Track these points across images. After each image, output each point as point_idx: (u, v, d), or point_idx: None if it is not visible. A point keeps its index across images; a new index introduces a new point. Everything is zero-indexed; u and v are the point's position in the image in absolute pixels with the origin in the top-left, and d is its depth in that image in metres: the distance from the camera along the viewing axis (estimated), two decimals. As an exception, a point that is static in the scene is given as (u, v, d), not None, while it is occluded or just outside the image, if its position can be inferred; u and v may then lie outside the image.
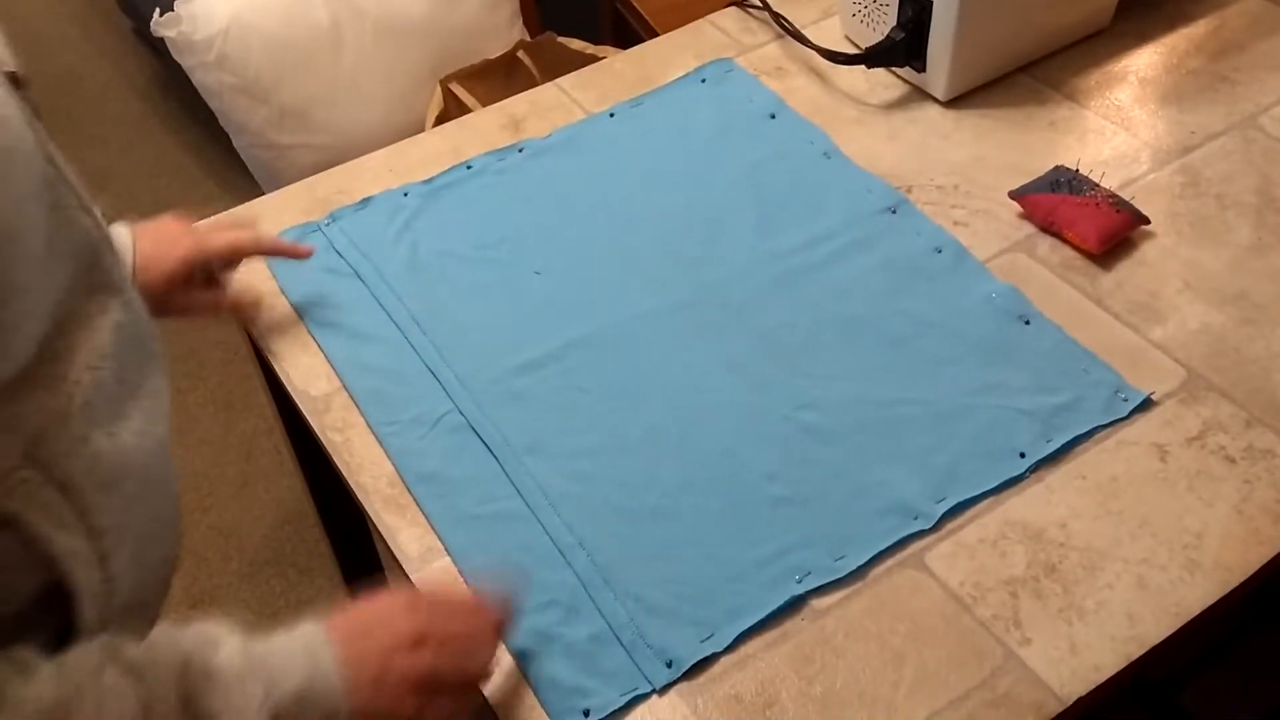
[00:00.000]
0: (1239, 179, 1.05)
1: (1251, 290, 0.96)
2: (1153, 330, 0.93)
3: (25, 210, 0.53)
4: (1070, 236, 0.99)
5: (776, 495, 0.83)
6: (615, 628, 0.77)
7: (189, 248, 0.91)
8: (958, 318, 0.94)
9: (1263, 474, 0.83)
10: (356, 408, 0.92)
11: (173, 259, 0.90)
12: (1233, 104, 1.13)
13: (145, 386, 0.64)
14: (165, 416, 0.66)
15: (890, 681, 0.74)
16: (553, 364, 0.93)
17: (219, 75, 1.93)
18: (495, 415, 0.89)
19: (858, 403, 0.89)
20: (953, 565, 0.79)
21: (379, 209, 1.07)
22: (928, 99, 1.16)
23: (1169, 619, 0.76)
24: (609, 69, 1.23)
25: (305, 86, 1.94)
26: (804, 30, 1.22)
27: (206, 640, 0.62)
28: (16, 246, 0.52)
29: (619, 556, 0.80)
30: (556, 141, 1.13)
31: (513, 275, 1.01)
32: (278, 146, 1.99)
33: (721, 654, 0.76)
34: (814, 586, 0.78)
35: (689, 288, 0.98)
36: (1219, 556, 0.79)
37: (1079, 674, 0.74)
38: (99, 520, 0.59)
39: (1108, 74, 1.17)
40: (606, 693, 0.74)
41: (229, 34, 1.89)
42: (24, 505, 0.56)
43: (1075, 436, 0.86)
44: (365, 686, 0.65)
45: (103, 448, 0.59)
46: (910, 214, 1.03)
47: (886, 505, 0.82)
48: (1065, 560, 0.79)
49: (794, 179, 1.07)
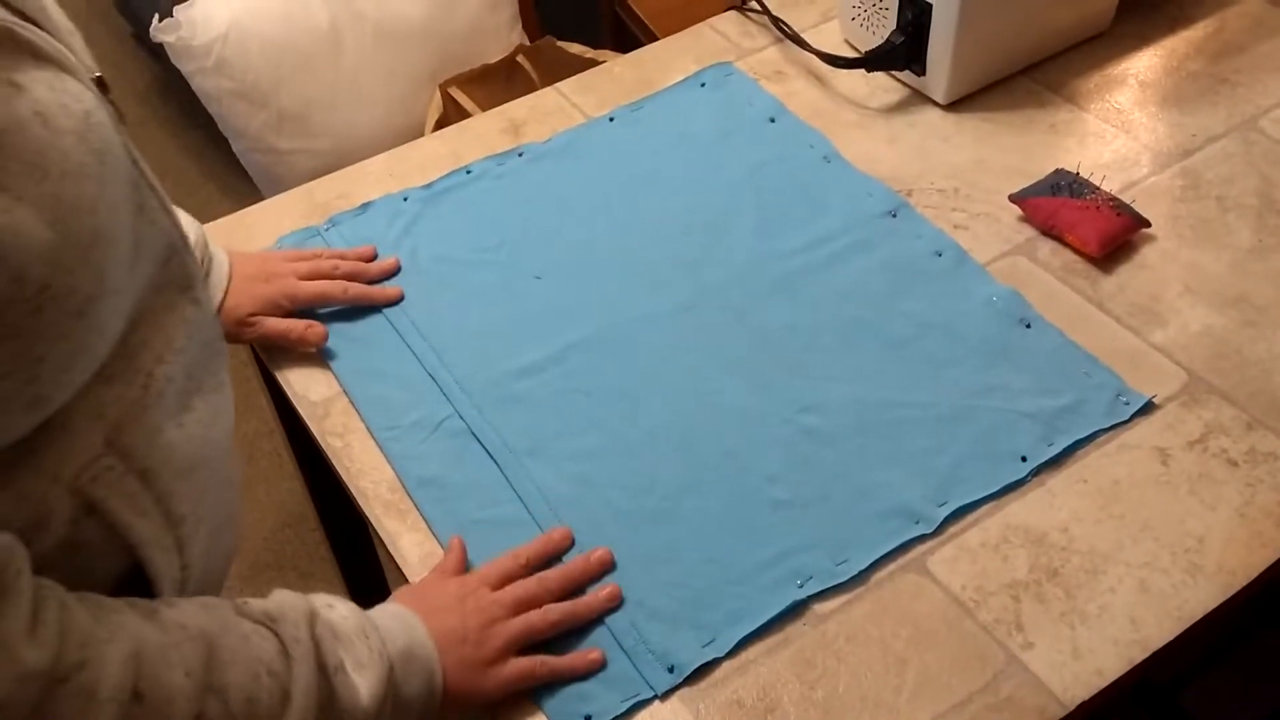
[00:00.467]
0: (1240, 181, 1.05)
1: (1253, 293, 0.96)
2: (1154, 333, 0.93)
3: (119, 213, 0.56)
4: (1071, 240, 0.99)
5: (777, 498, 0.83)
6: (616, 633, 0.77)
7: (279, 291, 0.94)
8: (958, 321, 0.94)
9: (1265, 477, 0.83)
10: (356, 413, 0.91)
11: (261, 296, 0.94)
12: (1233, 106, 1.13)
13: (210, 382, 0.67)
14: (230, 412, 0.71)
15: (892, 686, 0.74)
16: (553, 367, 0.93)
17: (218, 80, 1.93)
18: (495, 419, 0.89)
19: (858, 405, 0.89)
20: (954, 569, 0.79)
21: (378, 213, 1.07)
22: (928, 102, 1.16)
23: (1172, 623, 0.76)
24: (608, 73, 1.23)
25: (304, 91, 1.94)
26: (803, 34, 1.22)
27: (320, 601, 0.67)
28: (111, 250, 0.55)
29: (620, 560, 0.80)
30: (556, 146, 1.13)
31: (512, 279, 1.00)
32: (277, 151, 1.99)
33: (723, 659, 0.75)
34: (816, 591, 0.78)
35: (689, 290, 0.98)
36: (1221, 560, 0.79)
37: (1081, 678, 0.73)
38: (177, 508, 0.63)
39: (1108, 77, 1.17)
40: (608, 698, 0.74)
41: (228, 39, 1.89)
42: (107, 493, 0.58)
43: (1077, 440, 0.86)
44: (451, 651, 0.72)
45: (175, 438, 0.62)
46: (910, 217, 1.03)
47: (888, 508, 0.82)
48: (1067, 564, 0.79)
49: (794, 183, 1.07)
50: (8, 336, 0.50)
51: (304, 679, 0.62)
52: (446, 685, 0.71)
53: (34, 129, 0.50)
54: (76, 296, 0.52)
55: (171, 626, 0.59)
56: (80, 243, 0.52)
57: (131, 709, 0.54)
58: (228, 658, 0.59)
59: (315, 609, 0.66)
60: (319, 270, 0.97)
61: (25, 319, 0.50)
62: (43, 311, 0.51)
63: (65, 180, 0.51)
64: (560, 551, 0.81)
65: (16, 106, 0.49)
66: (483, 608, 0.74)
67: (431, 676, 0.70)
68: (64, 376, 0.54)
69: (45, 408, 0.54)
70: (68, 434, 0.56)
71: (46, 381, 0.53)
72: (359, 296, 0.98)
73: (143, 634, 0.57)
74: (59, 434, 0.56)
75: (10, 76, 0.50)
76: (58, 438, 0.56)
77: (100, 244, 0.54)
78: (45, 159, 0.50)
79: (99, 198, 0.53)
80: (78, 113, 0.53)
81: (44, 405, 0.54)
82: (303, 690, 0.61)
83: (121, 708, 0.54)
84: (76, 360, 0.54)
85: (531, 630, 0.74)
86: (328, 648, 0.64)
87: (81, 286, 0.52)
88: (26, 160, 0.49)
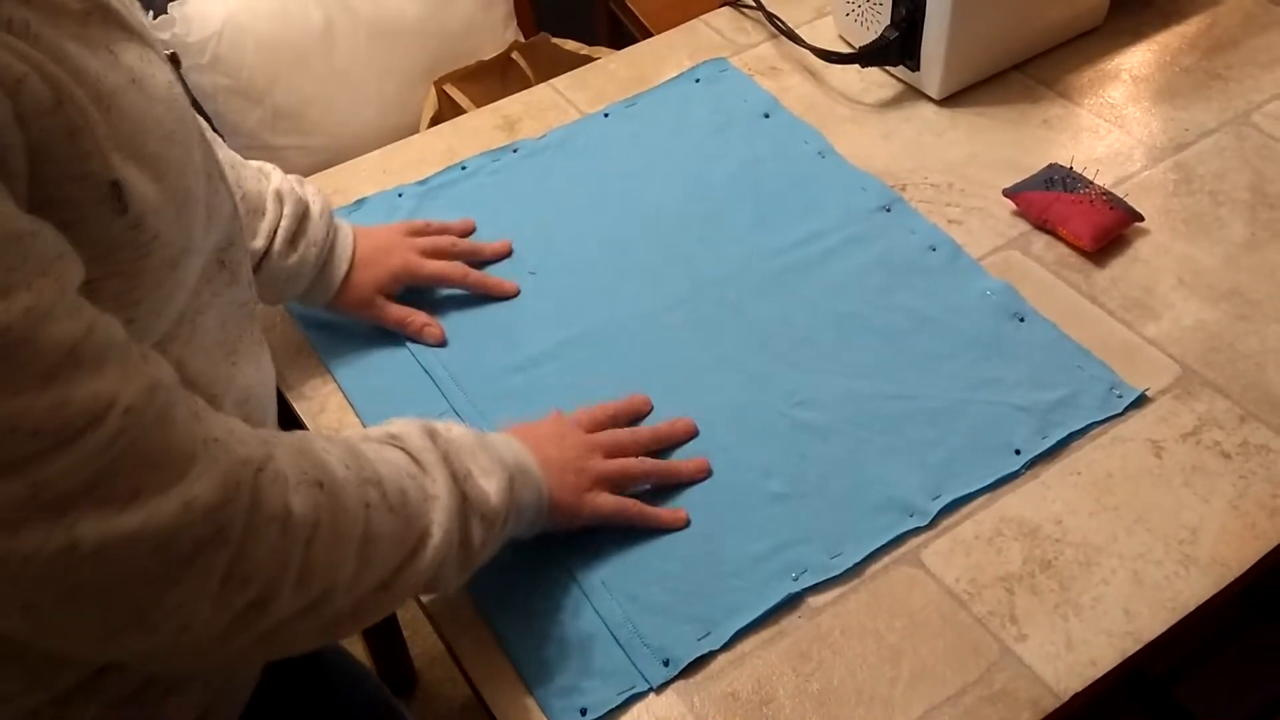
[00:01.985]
0: (1232, 175, 1.06)
1: (1245, 286, 0.96)
2: (1147, 326, 0.93)
3: (198, 178, 0.60)
4: (1064, 234, 1.00)
5: (772, 491, 0.83)
6: (612, 626, 0.77)
7: (401, 265, 0.95)
8: (953, 315, 0.94)
9: (1258, 469, 0.84)
10: (352, 408, 0.91)
11: (385, 270, 0.94)
12: (1226, 101, 1.13)
13: (249, 333, 0.70)
14: (269, 362, 0.75)
15: (887, 678, 0.74)
16: (549, 362, 0.93)
17: (213, 77, 1.93)
18: (491, 414, 0.89)
19: (853, 399, 0.89)
20: (949, 562, 0.79)
21: (374, 210, 1.07)
22: (922, 97, 1.16)
23: (1165, 614, 0.76)
24: (603, 69, 1.23)
25: (299, 88, 1.94)
26: (798, 30, 1.22)
27: (436, 422, 0.72)
28: (196, 210, 0.59)
29: (615, 554, 0.80)
30: (551, 142, 1.13)
31: (508, 275, 1.00)
32: (272, 148, 1.98)
33: (718, 652, 0.76)
34: (810, 584, 0.78)
35: (685, 285, 0.99)
36: (1215, 551, 0.79)
37: (1075, 670, 0.74)
38: None
39: (1101, 71, 1.17)
40: (603, 691, 0.74)
41: (223, 36, 1.89)
42: None
43: (1071, 433, 0.86)
44: (553, 475, 0.77)
45: (231, 372, 0.67)
46: (905, 212, 1.03)
47: (883, 502, 0.82)
48: (1061, 556, 0.79)
49: (789, 178, 1.08)
50: (118, 274, 0.53)
51: (442, 480, 0.68)
52: (551, 501, 0.76)
53: (133, 95, 0.54)
54: (173, 249, 0.56)
55: (312, 437, 0.64)
56: (176, 200, 0.56)
57: (315, 493, 0.59)
58: (373, 457, 0.65)
59: (434, 427, 0.71)
60: (438, 248, 0.98)
61: (135, 262, 0.54)
62: (150, 257, 0.54)
63: (163, 143, 0.55)
64: (642, 414, 0.88)
65: (118, 74, 0.53)
66: (580, 443, 0.81)
67: (540, 490, 0.75)
68: (154, 322, 0.57)
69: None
70: None
71: (140, 325, 0.56)
72: (479, 284, 0.98)
73: (293, 438, 0.62)
74: None
75: (109, 46, 0.54)
76: None
77: (190, 203, 0.58)
78: (145, 123, 0.54)
79: (186, 162, 0.58)
80: (163, 82, 0.57)
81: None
82: (444, 489, 0.67)
83: (310, 489, 0.59)
84: (166, 307, 0.58)
85: (626, 472, 0.81)
86: (454, 457, 0.69)
87: (177, 240, 0.56)
88: (132, 122, 0.53)
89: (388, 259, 0.94)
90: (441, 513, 0.67)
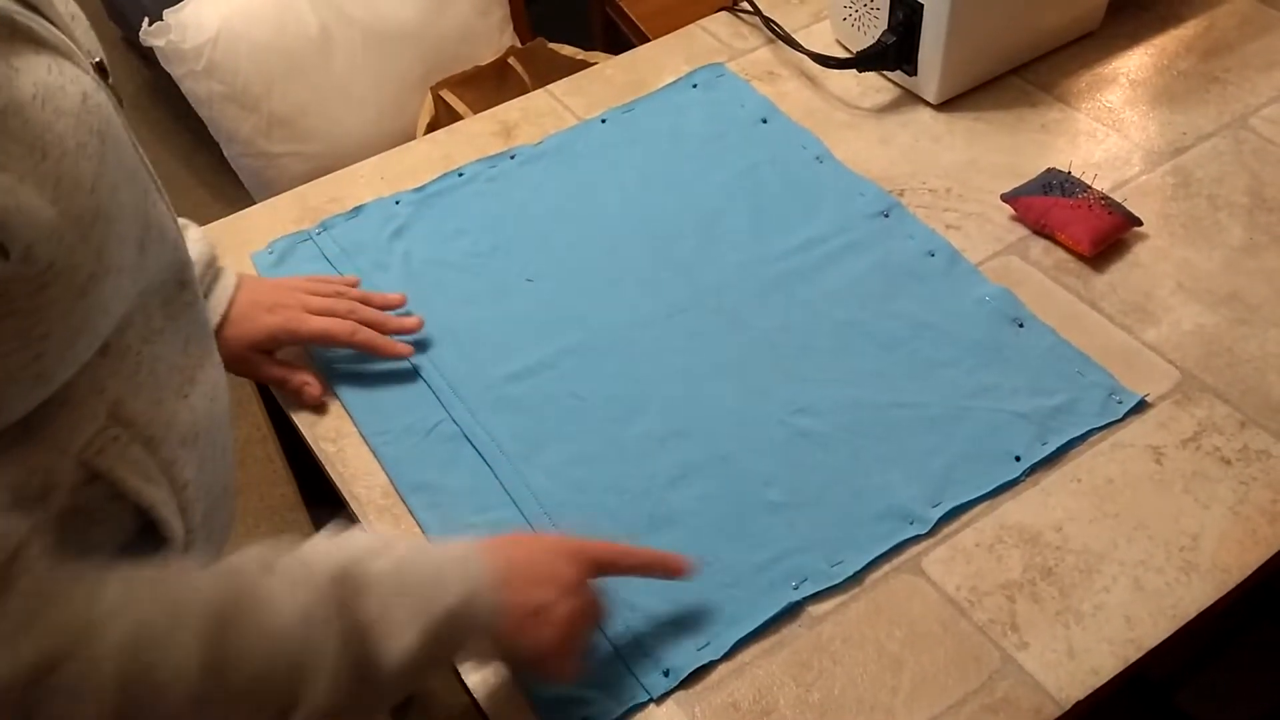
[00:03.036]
0: (1230, 179, 1.06)
1: (1244, 290, 0.96)
2: (1146, 332, 0.93)
3: (120, 193, 0.57)
4: (1063, 239, 0.99)
5: (772, 500, 0.83)
6: (611, 636, 0.76)
7: (282, 323, 0.89)
8: (951, 321, 0.94)
9: (1258, 474, 0.83)
10: (349, 417, 0.91)
11: (262, 327, 0.89)
12: (1223, 105, 1.13)
13: (210, 359, 0.68)
14: (225, 388, 0.72)
15: (888, 687, 0.74)
16: (546, 371, 0.93)
17: (208, 84, 1.93)
18: (489, 423, 0.89)
19: (852, 406, 0.89)
20: (949, 570, 0.79)
21: (370, 217, 1.07)
22: (919, 102, 1.16)
23: (1166, 621, 0.76)
24: (600, 75, 1.23)
25: (295, 94, 1.94)
26: (795, 35, 1.22)
27: (368, 549, 0.63)
28: (111, 228, 0.56)
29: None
30: (548, 148, 1.13)
31: (505, 282, 1.00)
32: (268, 155, 1.98)
33: (718, 662, 0.75)
34: (811, 593, 0.78)
35: (682, 293, 0.98)
36: (1216, 558, 0.79)
37: (1077, 677, 0.73)
38: (180, 474, 0.64)
39: (1098, 76, 1.17)
40: (604, 702, 0.73)
41: (218, 42, 1.89)
42: (114, 462, 0.60)
43: (1070, 439, 0.86)
44: (515, 620, 0.67)
45: (178, 409, 0.63)
46: (903, 217, 1.03)
47: (882, 510, 0.82)
48: (1062, 563, 0.79)
49: (786, 183, 1.07)
50: (13, 314, 0.51)
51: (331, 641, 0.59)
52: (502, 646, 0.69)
53: (33, 111, 0.51)
54: (79, 274, 0.54)
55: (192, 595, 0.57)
56: (82, 221, 0.53)
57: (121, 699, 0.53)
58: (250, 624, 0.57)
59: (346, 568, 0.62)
60: (333, 310, 0.92)
61: (31, 297, 0.51)
62: (47, 289, 0.52)
63: (65, 160, 0.52)
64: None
65: (16, 89, 0.51)
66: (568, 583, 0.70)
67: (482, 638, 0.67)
68: (68, 353, 0.55)
69: (50, 384, 0.55)
70: (72, 408, 0.58)
71: (51, 358, 0.54)
72: (366, 343, 0.92)
73: (161, 602, 0.56)
74: (64, 408, 0.57)
75: (10, 61, 0.51)
76: (62, 412, 0.57)
77: (101, 222, 0.55)
78: (45, 140, 0.51)
79: (99, 177, 0.55)
80: (75, 94, 0.54)
81: (49, 381, 0.55)
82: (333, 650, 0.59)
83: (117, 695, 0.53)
84: (80, 338, 0.56)
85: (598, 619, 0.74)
86: (354, 612, 0.61)
87: (84, 264, 0.54)
88: (27, 141, 0.51)
89: (266, 316, 0.89)
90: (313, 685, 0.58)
